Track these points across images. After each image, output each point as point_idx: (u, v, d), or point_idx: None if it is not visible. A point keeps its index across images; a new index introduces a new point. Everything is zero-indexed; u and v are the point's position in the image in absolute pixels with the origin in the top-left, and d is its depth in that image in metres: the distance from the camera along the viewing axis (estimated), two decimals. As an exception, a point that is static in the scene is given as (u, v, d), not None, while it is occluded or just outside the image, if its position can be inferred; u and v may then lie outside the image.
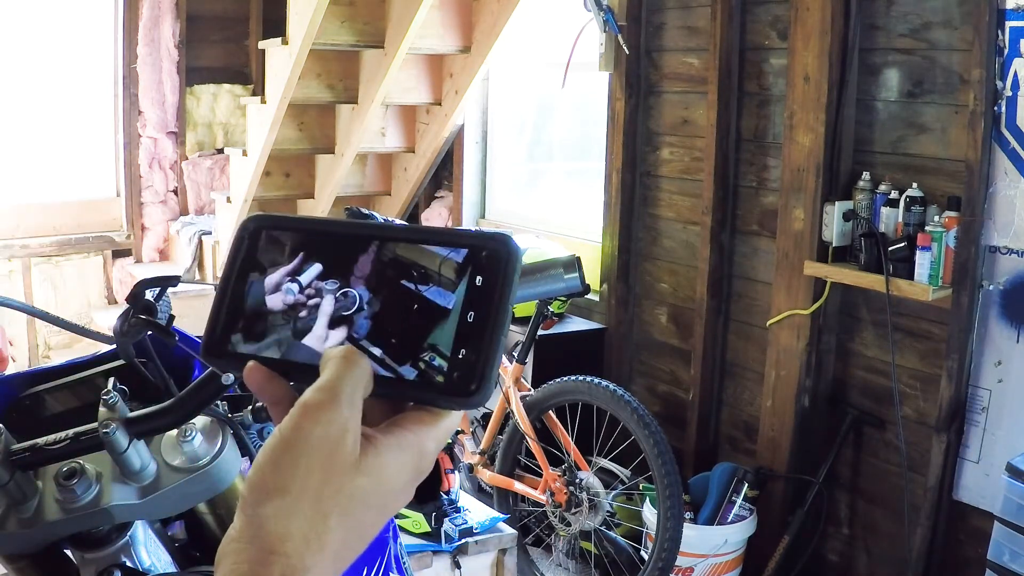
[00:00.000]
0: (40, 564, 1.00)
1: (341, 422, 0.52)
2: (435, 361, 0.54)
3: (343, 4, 4.18)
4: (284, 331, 0.58)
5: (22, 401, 1.13)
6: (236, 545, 0.51)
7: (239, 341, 0.59)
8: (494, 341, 0.54)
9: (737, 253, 3.63)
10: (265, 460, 0.52)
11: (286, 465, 0.51)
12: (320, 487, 0.51)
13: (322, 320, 0.57)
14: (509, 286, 0.55)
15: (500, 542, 2.74)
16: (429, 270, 0.56)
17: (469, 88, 4.66)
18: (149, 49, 5.15)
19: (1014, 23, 2.65)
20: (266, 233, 0.60)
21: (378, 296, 0.57)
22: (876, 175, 3.02)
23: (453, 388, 0.54)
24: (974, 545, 2.85)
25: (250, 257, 0.60)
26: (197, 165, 5.45)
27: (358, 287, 0.57)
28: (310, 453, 0.51)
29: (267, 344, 0.58)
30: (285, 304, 0.58)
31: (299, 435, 0.51)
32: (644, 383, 4.08)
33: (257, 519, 0.51)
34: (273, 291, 0.59)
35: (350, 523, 0.52)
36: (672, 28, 3.80)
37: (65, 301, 5.16)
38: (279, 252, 0.59)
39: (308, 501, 0.51)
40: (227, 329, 0.59)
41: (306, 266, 0.58)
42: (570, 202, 4.64)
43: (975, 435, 2.86)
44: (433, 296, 0.56)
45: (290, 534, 0.50)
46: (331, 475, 0.51)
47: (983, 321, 2.83)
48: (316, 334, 0.57)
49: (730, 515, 3.28)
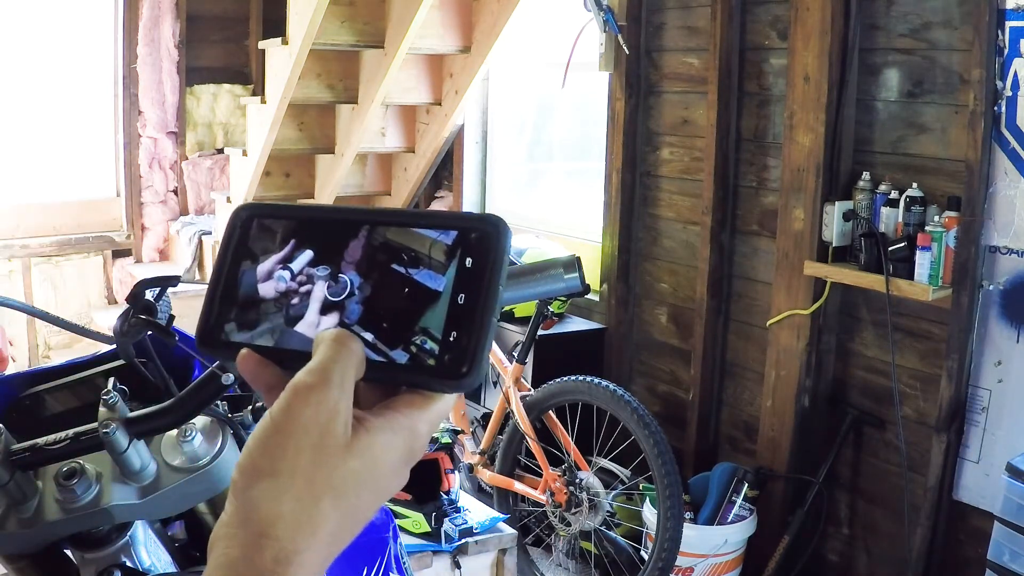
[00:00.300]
0: (40, 564, 1.00)
1: (331, 404, 0.51)
2: (426, 344, 0.54)
3: (343, 4, 4.18)
4: (277, 319, 0.58)
5: (22, 401, 1.14)
6: (227, 530, 0.50)
7: (232, 330, 0.58)
8: (485, 323, 0.53)
9: (737, 253, 3.63)
10: (255, 443, 0.51)
11: (276, 447, 0.51)
12: (311, 469, 0.50)
13: (314, 306, 0.57)
14: (499, 267, 0.54)
15: (500, 542, 2.74)
16: (419, 253, 0.56)
17: (469, 88, 4.66)
18: (149, 49, 5.15)
19: (1014, 23, 2.65)
20: (258, 221, 0.60)
21: (369, 281, 0.56)
22: (876, 175, 3.02)
23: (445, 371, 0.53)
24: (974, 545, 2.85)
25: (242, 246, 0.60)
26: (197, 165, 5.45)
27: (349, 272, 0.57)
28: (300, 435, 0.51)
29: (260, 332, 0.58)
30: (277, 292, 0.58)
31: (289, 417, 0.51)
32: (644, 383, 4.08)
33: (248, 502, 0.50)
34: (265, 279, 0.59)
35: (343, 506, 0.51)
36: (672, 28, 3.80)
37: (65, 301, 5.16)
38: (271, 240, 0.59)
39: (299, 483, 0.50)
40: (220, 319, 0.59)
41: (297, 253, 0.58)
42: (570, 202, 4.64)
43: (975, 435, 2.86)
44: (423, 279, 0.55)
45: (281, 516, 0.50)
46: (322, 457, 0.51)
47: (983, 321, 2.83)
48: (308, 320, 0.57)
49: (730, 515, 3.28)
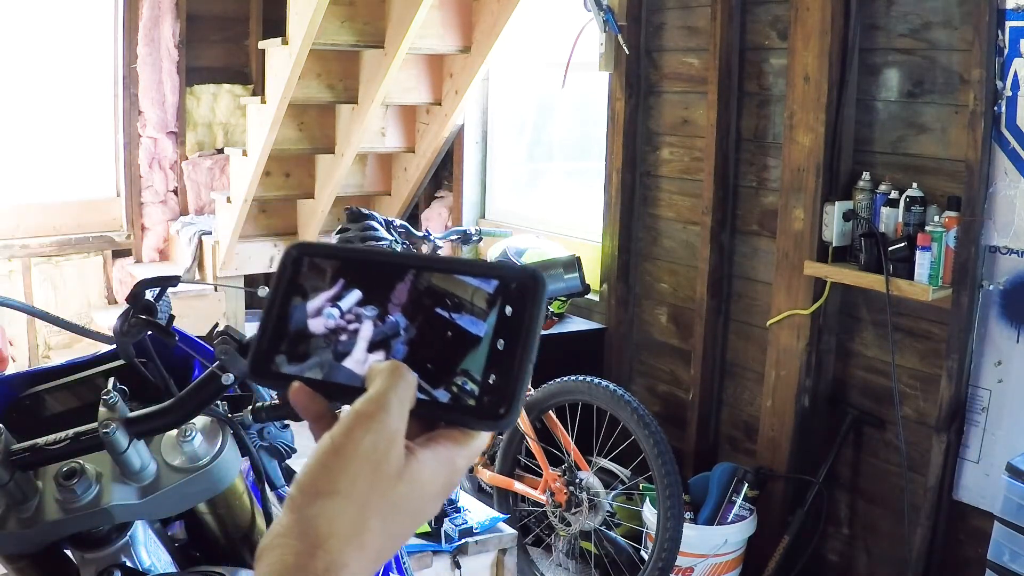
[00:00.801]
0: (40, 564, 1.00)
1: (390, 432, 0.56)
2: (467, 385, 0.58)
3: (343, 4, 4.18)
4: (325, 353, 0.61)
5: (22, 401, 1.13)
6: (282, 540, 0.54)
7: (283, 362, 0.62)
8: (523, 368, 0.57)
9: (737, 253, 3.63)
10: (316, 463, 0.56)
11: (336, 469, 0.55)
12: (366, 491, 0.55)
13: (361, 344, 0.61)
14: (537, 316, 0.58)
15: (500, 542, 2.74)
16: (462, 299, 0.60)
17: (469, 88, 4.66)
18: (149, 49, 5.15)
19: (1014, 23, 2.65)
20: (308, 260, 0.64)
21: (414, 323, 0.60)
22: (876, 175, 3.02)
23: (484, 411, 0.58)
24: (974, 545, 2.85)
25: (293, 283, 0.63)
26: (197, 165, 5.45)
27: (395, 314, 0.61)
28: (359, 459, 0.55)
29: (309, 365, 0.62)
30: (326, 328, 0.62)
31: (349, 441, 0.55)
32: (644, 383, 4.08)
33: (306, 518, 0.54)
34: (315, 315, 0.62)
35: (388, 527, 0.56)
36: (672, 28, 3.80)
37: (65, 301, 5.16)
38: (320, 279, 0.63)
39: (354, 504, 0.55)
40: (272, 350, 0.63)
41: (346, 292, 0.62)
42: (570, 202, 4.64)
43: (975, 435, 2.86)
44: (466, 324, 0.59)
45: (334, 532, 0.54)
46: (376, 481, 0.55)
47: (983, 321, 2.83)
48: (355, 357, 0.61)
49: (730, 515, 3.28)
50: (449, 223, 5.19)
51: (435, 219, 5.28)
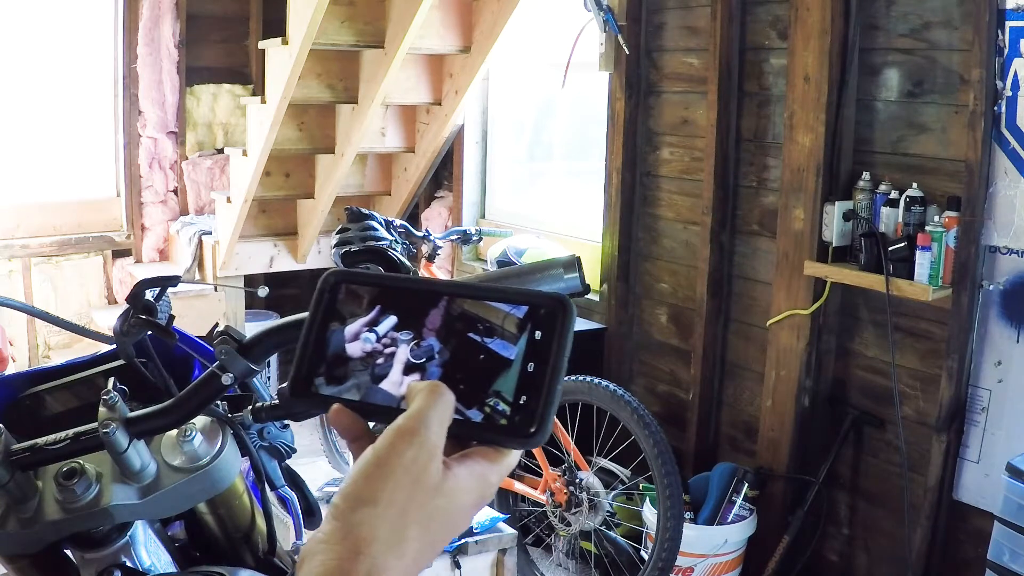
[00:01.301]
0: (40, 564, 1.00)
1: (430, 447, 0.59)
2: (499, 406, 0.61)
3: (343, 4, 4.18)
4: (363, 376, 0.65)
5: (22, 401, 1.13)
6: (325, 545, 0.57)
7: (322, 384, 0.65)
8: (552, 389, 0.61)
9: (737, 253, 3.63)
10: (359, 474, 0.59)
11: (378, 479, 0.58)
12: (406, 502, 0.58)
13: (397, 367, 0.64)
14: (566, 340, 0.61)
15: (500, 542, 2.74)
16: (493, 324, 0.63)
17: (469, 88, 4.66)
18: (149, 49, 5.15)
19: (1014, 23, 2.65)
20: (345, 287, 0.67)
21: (448, 347, 0.63)
22: (876, 175, 3.02)
23: (515, 430, 0.61)
24: (974, 545, 2.85)
25: (331, 308, 0.66)
26: (197, 165, 5.45)
27: (430, 338, 0.64)
28: (400, 472, 0.58)
29: (347, 387, 0.65)
30: (363, 352, 0.65)
31: (392, 454, 0.59)
32: (644, 383, 4.08)
33: (349, 525, 0.57)
34: (352, 340, 0.65)
35: (425, 536, 0.59)
36: (672, 28, 3.80)
37: (65, 301, 5.16)
38: (357, 304, 0.66)
39: (395, 513, 0.58)
40: (311, 372, 0.65)
41: (382, 318, 0.65)
42: (570, 202, 4.64)
43: (975, 435, 2.86)
44: (497, 348, 0.62)
45: (376, 539, 0.57)
46: (416, 493, 0.59)
47: (983, 321, 2.83)
48: (392, 380, 0.64)
49: (730, 515, 3.28)
50: (449, 223, 5.19)
51: (435, 219, 5.28)
